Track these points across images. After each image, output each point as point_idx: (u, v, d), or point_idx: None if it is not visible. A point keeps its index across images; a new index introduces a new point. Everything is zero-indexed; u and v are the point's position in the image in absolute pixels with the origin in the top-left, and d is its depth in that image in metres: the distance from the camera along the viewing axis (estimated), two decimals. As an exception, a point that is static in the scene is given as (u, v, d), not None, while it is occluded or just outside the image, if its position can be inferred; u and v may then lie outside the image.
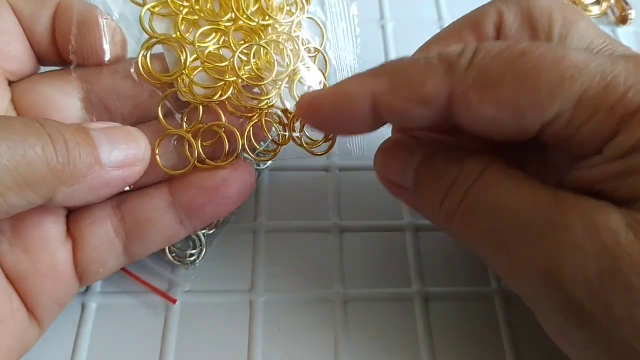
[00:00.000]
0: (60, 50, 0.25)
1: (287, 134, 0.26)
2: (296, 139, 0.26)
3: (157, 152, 0.25)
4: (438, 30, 0.26)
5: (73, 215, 0.25)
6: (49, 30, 0.25)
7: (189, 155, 0.25)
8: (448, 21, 0.39)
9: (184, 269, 0.28)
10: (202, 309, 0.28)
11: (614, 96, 0.18)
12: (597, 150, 0.19)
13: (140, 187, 0.25)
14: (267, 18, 0.26)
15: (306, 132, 0.26)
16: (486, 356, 0.27)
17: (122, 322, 0.27)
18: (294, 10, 0.27)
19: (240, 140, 0.25)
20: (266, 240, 0.30)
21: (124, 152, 0.23)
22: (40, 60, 0.26)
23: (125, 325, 0.27)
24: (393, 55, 0.37)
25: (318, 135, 0.27)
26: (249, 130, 0.26)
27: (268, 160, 0.27)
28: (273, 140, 0.26)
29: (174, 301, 0.27)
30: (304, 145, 0.26)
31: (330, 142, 0.26)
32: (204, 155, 0.25)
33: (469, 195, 0.20)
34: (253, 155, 0.26)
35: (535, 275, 0.18)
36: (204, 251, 0.29)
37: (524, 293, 0.20)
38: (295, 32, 0.27)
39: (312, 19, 0.28)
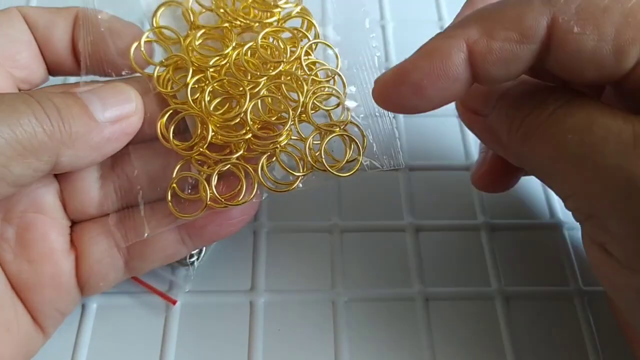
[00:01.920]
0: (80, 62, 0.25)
1: (307, 162, 0.25)
2: (317, 165, 0.25)
3: (169, 199, 0.24)
4: (438, 31, 0.26)
5: (78, 226, 0.25)
6: (67, 41, 0.25)
7: (204, 196, 0.24)
8: (448, 21, 0.39)
9: (184, 270, 0.28)
10: (202, 309, 0.28)
11: None
12: None
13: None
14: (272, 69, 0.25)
15: (326, 151, 0.25)
16: (486, 356, 0.27)
17: (122, 322, 0.27)
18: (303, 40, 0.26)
19: (255, 178, 0.24)
20: (266, 240, 0.30)
21: (116, 109, 0.23)
22: (53, 70, 0.26)
23: (125, 325, 0.27)
24: (393, 56, 0.37)
25: (340, 155, 0.25)
26: (263, 163, 0.25)
27: (285, 191, 0.25)
28: (290, 172, 0.25)
29: (174, 302, 0.28)
30: (327, 168, 0.25)
31: (356, 160, 0.25)
32: (218, 197, 0.24)
33: (556, 113, 0.21)
34: (269, 187, 0.25)
35: (618, 184, 0.19)
36: (204, 252, 0.29)
37: (598, 206, 0.20)
38: (305, 60, 0.26)
39: (322, 43, 0.27)
